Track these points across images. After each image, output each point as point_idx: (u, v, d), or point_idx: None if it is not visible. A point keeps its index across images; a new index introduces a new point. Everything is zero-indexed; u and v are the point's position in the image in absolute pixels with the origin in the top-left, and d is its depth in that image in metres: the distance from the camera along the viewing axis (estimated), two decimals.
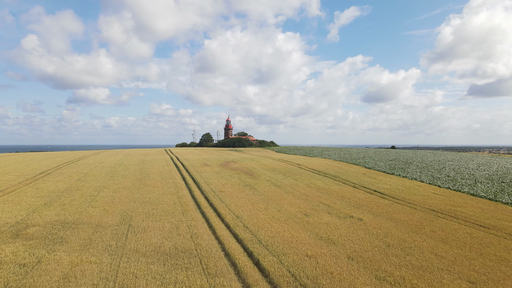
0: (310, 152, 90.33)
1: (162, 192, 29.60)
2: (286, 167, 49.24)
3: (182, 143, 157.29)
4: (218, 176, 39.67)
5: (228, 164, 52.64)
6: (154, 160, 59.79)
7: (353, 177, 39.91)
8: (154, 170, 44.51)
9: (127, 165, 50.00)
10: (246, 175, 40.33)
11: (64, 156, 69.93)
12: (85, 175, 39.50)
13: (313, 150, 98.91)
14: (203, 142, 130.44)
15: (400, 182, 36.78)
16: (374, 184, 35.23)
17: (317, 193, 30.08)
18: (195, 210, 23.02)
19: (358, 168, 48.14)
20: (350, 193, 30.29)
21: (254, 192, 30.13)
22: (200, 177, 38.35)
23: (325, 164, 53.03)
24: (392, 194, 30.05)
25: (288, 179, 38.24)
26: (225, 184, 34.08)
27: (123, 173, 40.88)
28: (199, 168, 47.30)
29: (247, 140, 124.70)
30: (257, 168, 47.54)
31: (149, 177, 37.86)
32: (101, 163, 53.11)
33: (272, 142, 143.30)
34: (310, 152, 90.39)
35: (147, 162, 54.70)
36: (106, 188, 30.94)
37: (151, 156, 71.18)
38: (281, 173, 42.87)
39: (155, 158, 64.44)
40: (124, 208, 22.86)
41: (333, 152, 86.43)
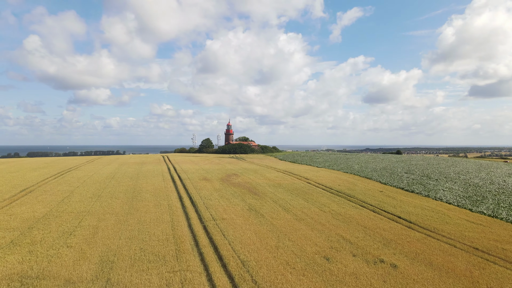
0: (315, 159, 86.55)
1: (154, 219, 25.84)
2: (293, 182, 45.45)
3: (181, 148, 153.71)
4: (218, 195, 35.90)
5: (229, 178, 48.88)
6: (150, 172, 56.06)
7: (369, 196, 36.12)
8: (149, 186, 40.75)
9: (120, 179, 46.26)
10: (249, 194, 36.56)
11: (54, 166, 66.25)
12: (70, 193, 35.76)
13: (318, 157, 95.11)
14: (203, 148, 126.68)
15: (424, 203, 32.97)
16: (396, 206, 31.44)
17: (333, 221, 26.29)
18: (192, 251, 19.24)
19: (373, 184, 44.33)
20: (371, 221, 26.50)
21: (261, 219, 26.35)
22: (199, 197, 34.60)
23: (335, 178, 49.22)
24: (421, 222, 26.24)
25: (297, 199, 34.47)
26: (227, 207, 30.31)
27: (113, 191, 37.13)
28: (198, 183, 43.54)
29: (248, 146, 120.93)
30: (261, 183, 43.76)
31: (142, 197, 34.11)
32: (91, 176, 49.39)
33: (274, 148, 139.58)
34: (315, 159, 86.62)
35: (142, 175, 50.97)
36: (90, 214, 27.18)
37: (147, 166, 67.46)
38: (289, 190, 39.09)
39: (151, 169, 60.72)
40: (106, 249, 19.10)
41: (340, 160, 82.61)
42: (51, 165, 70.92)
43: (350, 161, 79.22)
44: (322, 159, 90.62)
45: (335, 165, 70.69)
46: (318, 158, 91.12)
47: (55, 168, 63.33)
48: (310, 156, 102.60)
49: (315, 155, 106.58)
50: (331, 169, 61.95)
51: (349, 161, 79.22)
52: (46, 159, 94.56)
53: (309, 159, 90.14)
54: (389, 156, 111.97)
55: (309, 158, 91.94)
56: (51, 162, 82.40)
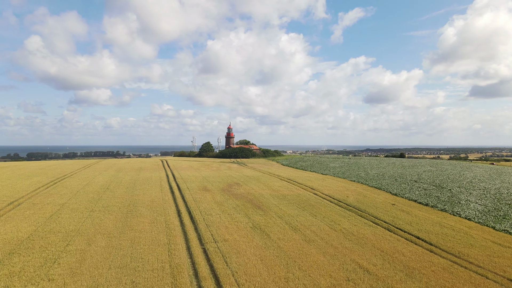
0: (320, 165, 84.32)
1: (150, 241, 23.67)
2: (299, 193, 43.25)
3: (180, 151, 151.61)
4: (220, 209, 33.71)
5: (231, 188, 46.68)
6: (147, 180, 53.88)
7: (381, 210, 33.91)
8: (145, 198, 38.57)
9: (115, 190, 44.09)
10: (253, 208, 34.37)
11: (48, 173, 64.08)
12: (61, 207, 33.60)
13: (322, 163, 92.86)
14: (203, 152, 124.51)
15: (442, 219, 30.75)
16: (412, 223, 29.22)
17: (346, 243, 24.09)
18: (191, 285, 17.05)
19: (383, 195, 42.11)
20: (388, 242, 24.28)
21: (267, 241, 24.15)
22: (199, 211, 32.42)
23: (342, 188, 47.01)
24: (442, 244, 24.03)
25: (304, 214, 32.27)
26: (229, 225, 28.11)
27: (107, 205, 34.97)
28: (197, 194, 41.36)
29: (249, 150, 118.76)
30: (265, 195, 41.56)
31: (137, 212, 31.93)
32: (85, 186, 47.22)
33: (276, 152, 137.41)
34: (319, 165, 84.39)
35: (139, 184, 48.79)
36: (79, 234, 25.00)
37: (145, 173, 65.27)
38: (295, 203, 36.89)
39: (148, 177, 58.52)
40: (92, 283, 16.90)
41: (344, 165, 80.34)
42: (45, 171, 68.75)
43: (355, 167, 76.97)
44: (326, 164, 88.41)
45: (340, 172, 68.46)
46: (322, 164, 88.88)
47: (48, 175, 61.16)
48: (314, 160, 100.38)
49: (318, 160, 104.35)
50: (337, 177, 59.72)
51: (354, 167, 76.98)
52: (42, 164, 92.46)
53: (312, 164, 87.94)
54: (393, 160, 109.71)
55: (312, 164, 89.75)
56: (46, 167, 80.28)
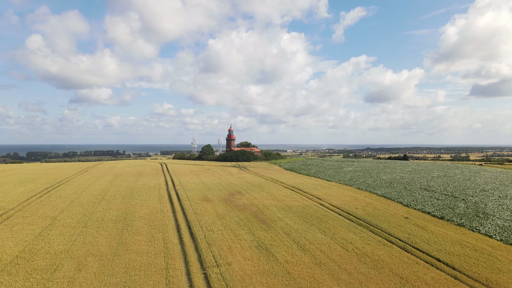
0: (323, 170, 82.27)
1: (146, 264, 21.76)
2: (304, 204, 41.28)
3: (180, 153, 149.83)
4: (222, 223, 31.77)
5: (233, 197, 44.72)
6: (146, 188, 51.96)
7: (395, 225, 31.94)
8: (143, 210, 36.65)
9: (111, 199, 42.18)
10: (257, 222, 32.42)
11: (43, 179, 62.19)
12: (52, 221, 31.71)
13: (325, 167, 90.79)
14: (203, 155, 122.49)
15: (461, 236, 28.79)
16: (430, 242, 27.25)
17: (361, 267, 22.14)
18: None
19: (394, 207, 40.11)
20: (407, 266, 22.32)
21: (274, 265, 22.21)
22: (199, 227, 30.49)
23: (350, 198, 45.03)
24: (467, 268, 22.07)
25: (312, 229, 30.32)
26: (232, 244, 26.16)
27: (102, 218, 33.07)
28: (198, 205, 39.42)
29: (251, 153, 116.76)
30: (269, 206, 39.59)
31: (134, 228, 30.01)
32: (80, 195, 45.32)
33: (278, 154, 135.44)
34: (322, 170, 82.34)
35: (136, 193, 46.86)
36: (70, 256, 23.09)
37: (143, 179, 63.31)
38: (301, 216, 34.93)
39: (147, 184, 56.57)
40: None
41: (349, 171, 78.28)
42: (40, 177, 66.87)
43: (361, 173, 74.91)
44: (330, 169, 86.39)
45: (346, 178, 66.47)
46: (326, 168, 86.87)
47: (43, 181, 59.26)
48: (317, 165, 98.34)
49: (321, 164, 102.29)
50: (343, 184, 57.71)
51: (360, 173, 74.95)
52: (37, 168, 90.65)
53: (316, 169, 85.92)
54: (398, 165, 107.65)
55: (316, 168, 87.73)
56: (41, 172, 78.44)
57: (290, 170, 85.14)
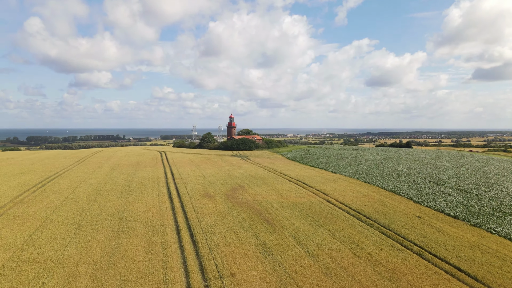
0: (327, 160, 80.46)
1: (143, 276, 20.21)
2: (310, 200, 39.59)
3: (181, 141, 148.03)
4: (224, 224, 30.15)
5: (235, 193, 43.04)
6: (144, 181, 50.31)
7: (408, 226, 30.29)
8: (141, 208, 35.03)
9: (108, 195, 40.55)
10: (261, 222, 30.80)
11: (39, 170, 60.54)
12: (44, 222, 30.10)
13: (329, 156, 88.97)
14: (203, 143, 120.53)
15: (480, 240, 27.13)
16: (447, 246, 25.62)
17: (376, 278, 20.55)
18: None
19: (405, 203, 38.41)
20: (426, 278, 20.73)
21: (282, 276, 20.63)
22: (201, 229, 28.88)
23: (357, 193, 43.30)
24: (490, 280, 20.48)
25: (320, 231, 28.68)
26: (236, 249, 24.54)
27: (96, 218, 31.47)
28: (199, 202, 37.79)
29: (252, 141, 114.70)
30: (273, 203, 37.92)
31: (131, 230, 28.40)
32: (76, 189, 43.72)
33: (279, 142, 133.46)
34: (326, 160, 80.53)
35: (134, 188, 45.22)
36: (60, 265, 21.51)
37: (142, 170, 61.62)
38: (308, 216, 33.28)
39: (145, 176, 54.89)
40: None
41: (353, 160, 76.48)
42: (36, 167, 65.24)
43: (366, 163, 73.10)
44: (334, 159, 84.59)
45: (351, 170, 64.71)
46: (329, 158, 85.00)
47: (38, 172, 57.62)
48: (320, 154, 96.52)
49: (324, 152, 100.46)
50: (349, 177, 55.93)
51: (365, 163, 73.16)
52: (34, 157, 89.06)
53: (319, 159, 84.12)
54: (403, 153, 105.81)
55: (319, 158, 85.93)
56: (38, 162, 76.85)
57: (293, 160, 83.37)
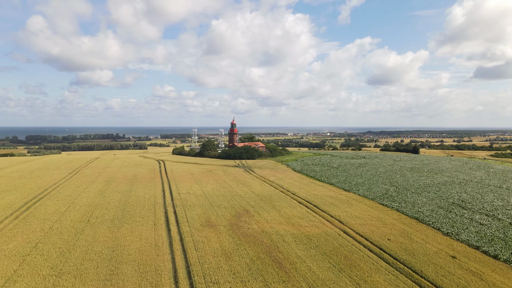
0: (334, 170, 76.50)
1: None
2: (326, 231, 35.58)
3: (180, 148, 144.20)
4: (230, 271, 26.20)
5: (240, 220, 39.10)
6: (139, 204, 46.46)
7: (444, 272, 26.28)
8: (134, 245, 31.13)
9: (97, 225, 36.73)
10: (273, 267, 26.86)
11: (27, 186, 56.74)
12: (20, 264, 26.26)
13: (337, 167, 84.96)
14: (204, 150, 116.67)
15: None
16: None
17: None
18: None
19: (433, 237, 34.33)
20: None
21: None
22: (203, 279, 24.97)
23: (376, 220, 39.24)
24: None
25: (343, 281, 24.70)
26: None
27: (82, 260, 27.61)
28: (200, 235, 33.87)
29: (255, 149, 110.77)
30: (284, 236, 33.96)
31: (120, 279, 24.52)
32: (63, 215, 39.91)
33: (283, 149, 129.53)
34: (334, 170, 76.56)
35: (128, 214, 41.37)
36: None
37: (138, 187, 57.76)
38: (326, 255, 29.31)
39: (141, 196, 51.01)
40: None
41: (364, 175, 72.45)
42: (25, 182, 61.39)
43: (377, 176, 68.98)
44: (342, 170, 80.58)
45: (363, 186, 60.70)
46: (338, 169, 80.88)
47: (27, 189, 53.84)
48: (327, 163, 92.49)
49: (331, 162, 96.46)
50: (363, 197, 51.91)
51: (377, 176, 69.09)
52: (25, 168, 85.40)
53: (327, 170, 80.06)
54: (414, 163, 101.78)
55: (327, 169, 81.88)
56: (28, 174, 73.11)
57: (300, 173, 79.38)
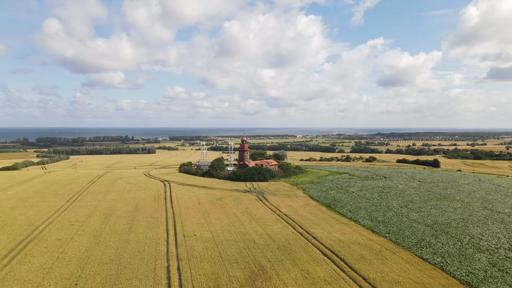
0: (357, 198, 70.07)
1: None
2: None
3: (187, 164, 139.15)
4: None
5: (255, 284, 33.30)
6: (140, 253, 41.09)
7: None
8: None
9: None
10: None
11: (15, 223, 52.05)
12: None
13: (359, 193, 78.46)
14: (213, 170, 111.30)
15: None
16: None
17: None
18: None
19: None
20: None
21: None
22: None
23: None
24: None
25: None
26: None
27: None
28: None
29: (268, 170, 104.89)
30: None
31: None
32: (45, 277, 34.74)
33: (298, 168, 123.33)
34: (356, 199, 70.15)
35: (124, 272, 35.98)
36: None
37: (140, 223, 52.51)
38: None
39: (142, 241, 45.64)
40: None
41: (388, 199, 65.84)
42: (16, 214, 56.80)
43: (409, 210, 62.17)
44: (364, 197, 74.18)
45: (394, 225, 54.26)
46: (360, 196, 74.34)
47: (16, 227, 49.14)
48: (347, 188, 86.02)
49: (351, 185, 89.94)
50: (404, 249, 45.28)
51: (413, 215, 62.34)
52: (21, 193, 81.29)
53: (349, 198, 73.61)
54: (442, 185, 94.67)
55: (349, 197, 75.40)
56: (22, 203, 68.72)
57: (318, 201, 73.19)
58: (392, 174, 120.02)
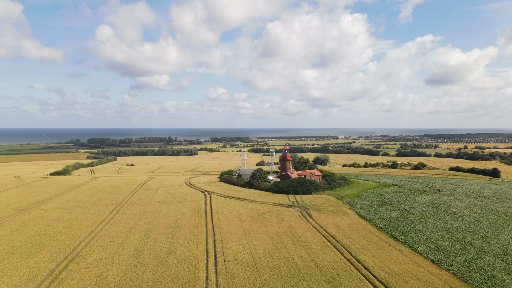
0: (414, 221, 63.93)
1: None
2: None
3: (228, 172, 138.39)
4: None
5: None
6: (178, 280, 39.44)
7: None
8: None
9: None
10: None
11: (58, 239, 53.00)
12: None
13: (410, 203, 71.95)
14: (254, 181, 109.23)
15: None
16: None
17: None
18: None
19: None
20: None
21: None
22: None
23: None
24: None
25: None
26: None
27: None
28: None
29: (311, 182, 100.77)
30: None
31: None
32: None
33: (342, 179, 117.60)
34: (413, 222, 64.03)
35: None
36: None
37: (178, 245, 51.24)
38: None
39: (181, 263, 44.11)
40: None
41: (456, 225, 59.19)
42: (61, 228, 58.08)
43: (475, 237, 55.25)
44: (418, 216, 67.78)
45: (458, 253, 48.35)
46: (413, 215, 68.00)
47: (57, 243, 49.86)
48: (398, 203, 79.67)
49: (401, 200, 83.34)
50: (469, 286, 40.02)
51: (473, 237, 55.55)
52: (66, 203, 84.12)
53: (402, 217, 67.63)
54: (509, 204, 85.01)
55: (401, 215, 69.35)
56: (66, 216, 70.70)
57: (366, 220, 68.13)
58: (447, 186, 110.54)
